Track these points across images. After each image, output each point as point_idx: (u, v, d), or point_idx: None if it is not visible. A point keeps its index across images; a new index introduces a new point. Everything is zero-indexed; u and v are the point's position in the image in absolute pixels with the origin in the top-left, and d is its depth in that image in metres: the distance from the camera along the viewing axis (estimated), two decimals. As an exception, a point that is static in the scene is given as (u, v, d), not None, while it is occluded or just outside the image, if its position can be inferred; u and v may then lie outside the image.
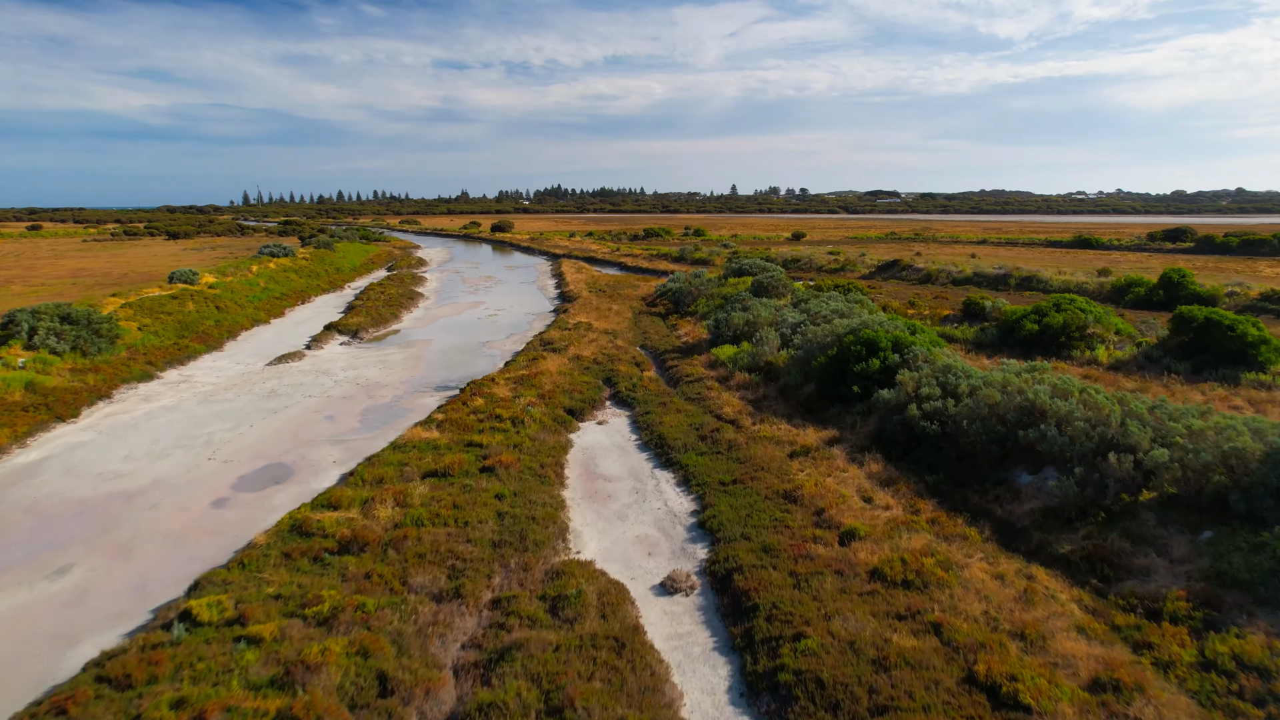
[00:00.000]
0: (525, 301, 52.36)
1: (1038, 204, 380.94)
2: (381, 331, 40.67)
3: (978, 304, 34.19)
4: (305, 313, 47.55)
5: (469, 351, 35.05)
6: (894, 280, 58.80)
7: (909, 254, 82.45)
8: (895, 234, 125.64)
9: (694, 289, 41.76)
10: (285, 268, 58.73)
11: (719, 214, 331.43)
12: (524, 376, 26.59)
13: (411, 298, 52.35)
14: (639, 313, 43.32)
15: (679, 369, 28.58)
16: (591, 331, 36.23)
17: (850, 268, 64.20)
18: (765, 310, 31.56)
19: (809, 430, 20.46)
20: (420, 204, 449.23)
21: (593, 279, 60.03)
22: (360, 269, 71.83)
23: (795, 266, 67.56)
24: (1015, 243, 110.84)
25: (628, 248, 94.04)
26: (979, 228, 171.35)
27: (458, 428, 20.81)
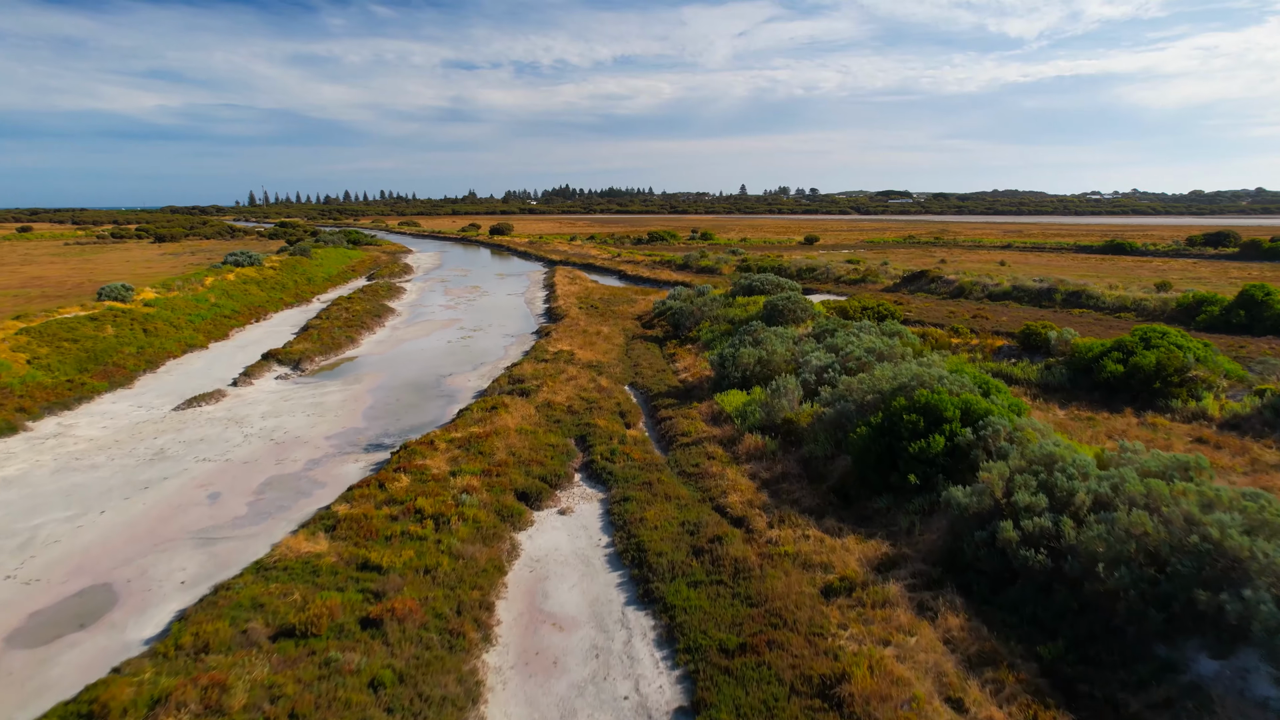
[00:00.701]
0: (507, 319, 46.51)
1: (1053, 204, 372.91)
2: (331, 360, 34.88)
3: (1039, 334, 28.12)
4: (256, 333, 41.84)
5: (423, 391, 29.20)
6: (922, 294, 52.68)
7: (933, 262, 76.28)
8: (913, 237, 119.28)
9: (696, 310, 35.86)
10: (246, 279, 53.06)
11: (728, 215, 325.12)
12: (474, 437, 20.71)
13: (380, 314, 46.57)
14: (632, 337, 37.39)
15: (674, 423, 22.64)
16: (572, 365, 30.34)
17: (872, 279, 58.09)
18: (781, 345, 25.60)
19: (849, 540, 14.51)
20: (425, 204, 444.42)
21: (586, 292, 54.15)
22: (336, 278, 66.14)
23: (811, 277, 61.50)
24: (1042, 248, 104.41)
25: (629, 253, 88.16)
26: (998, 230, 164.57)
27: (357, 533, 14.93)
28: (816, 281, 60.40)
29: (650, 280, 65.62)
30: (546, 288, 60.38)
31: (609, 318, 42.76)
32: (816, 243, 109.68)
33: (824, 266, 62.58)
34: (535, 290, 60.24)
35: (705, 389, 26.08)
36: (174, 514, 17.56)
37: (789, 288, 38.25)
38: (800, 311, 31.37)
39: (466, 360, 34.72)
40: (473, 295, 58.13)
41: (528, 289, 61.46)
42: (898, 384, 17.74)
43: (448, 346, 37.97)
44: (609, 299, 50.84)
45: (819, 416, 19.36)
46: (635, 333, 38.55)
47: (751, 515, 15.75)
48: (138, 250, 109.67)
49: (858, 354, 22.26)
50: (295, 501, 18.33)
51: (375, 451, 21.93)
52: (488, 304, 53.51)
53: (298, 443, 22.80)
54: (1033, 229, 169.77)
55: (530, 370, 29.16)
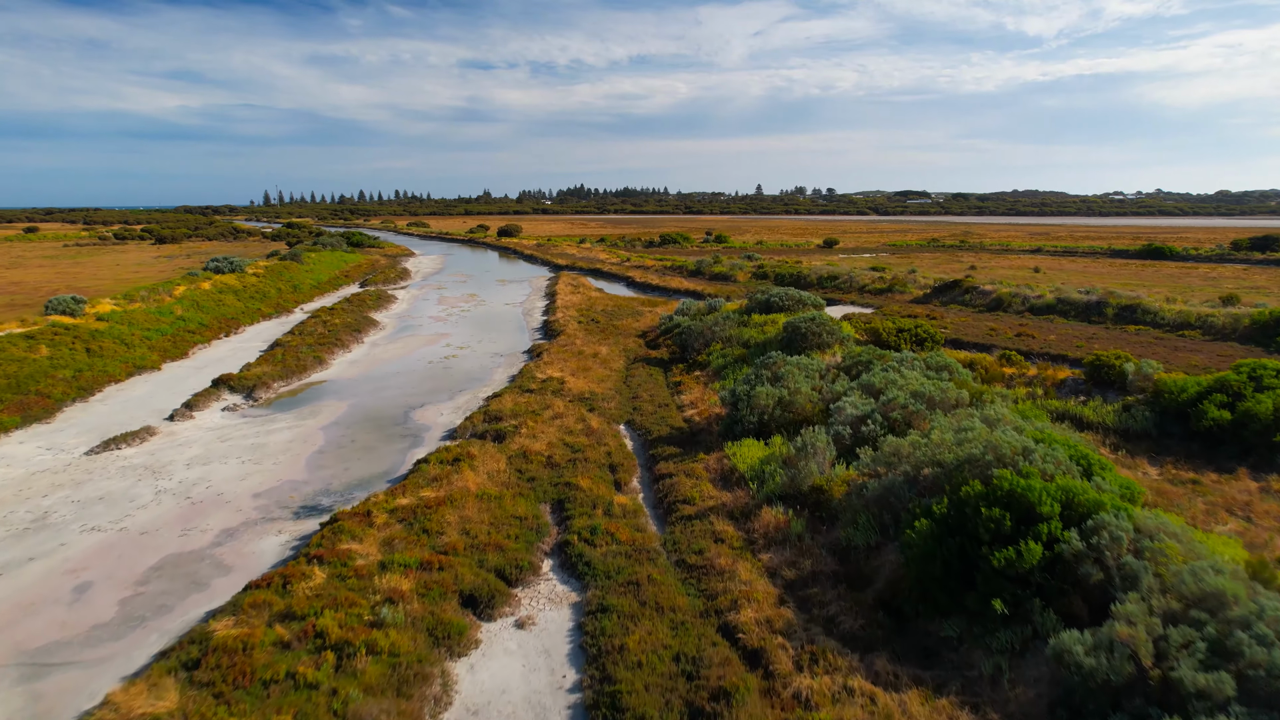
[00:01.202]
0: (499, 334, 42.37)
1: (1076, 205, 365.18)
2: (293, 385, 30.85)
3: (1111, 365, 23.63)
4: (221, 350, 37.93)
5: (385, 428, 25.08)
6: (956, 306, 48.09)
7: (962, 268, 71.59)
8: (937, 240, 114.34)
9: (706, 330, 31.54)
10: (223, 288, 49.26)
11: (743, 215, 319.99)
12: (423, 506, 16.56)
13: (362, 328, 42.56)
14: (634, 359, 33.13)
15: (675, 483, 18.37)
16: (561, 396, 26.15)
17: (900, 288, 53.53)
18: (805, 381, 21.28)
19: (910, 698, 10.21)
20: (438, 204, 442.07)
21: (589, 302, 49.95)
22: (326, 285, 62.31)
23: (833, 285, 57.03)
24: (1074, 252, 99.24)
25: (639, 257, 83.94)
26: (1024, 232, 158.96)
27: (226, 675, 10.77)
28: (839, 291, 55.91)
29: (659, 289, 61.33)
30: (547, 297, 56.24)
31: (610, 335, 38.52)
32: (836, 246, 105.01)
33: (847, 274, 58.07)
34: (535, 300, 56.11)
35: (714, 433, 21.78)
36: (16, 619, 13.49)
37: (810, 303, 33.87)
38: (826, 335, 26.99)
39: (445, 386, 30.58)
40: (468, 305, 54.07)
41: (527, 298, 57.35)
42: (965, 454, 13.39)
43: (427, 368, 33.85)
44: (613, 311, 46.61)
45: (857, 488, 15.05)
46: (637, 354, 34.28)
47: (772, 648, 11.45)
48: (135, 253, 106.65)
49: (902, 400, 17.89)
50: (183, 600, 14.23)
51: (307, 518, 17.80)
52: (482, 315, 49.41)
53: (218, 503, 18.71)
54: (1059, 231, 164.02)
55: (511, 405, 24.97)
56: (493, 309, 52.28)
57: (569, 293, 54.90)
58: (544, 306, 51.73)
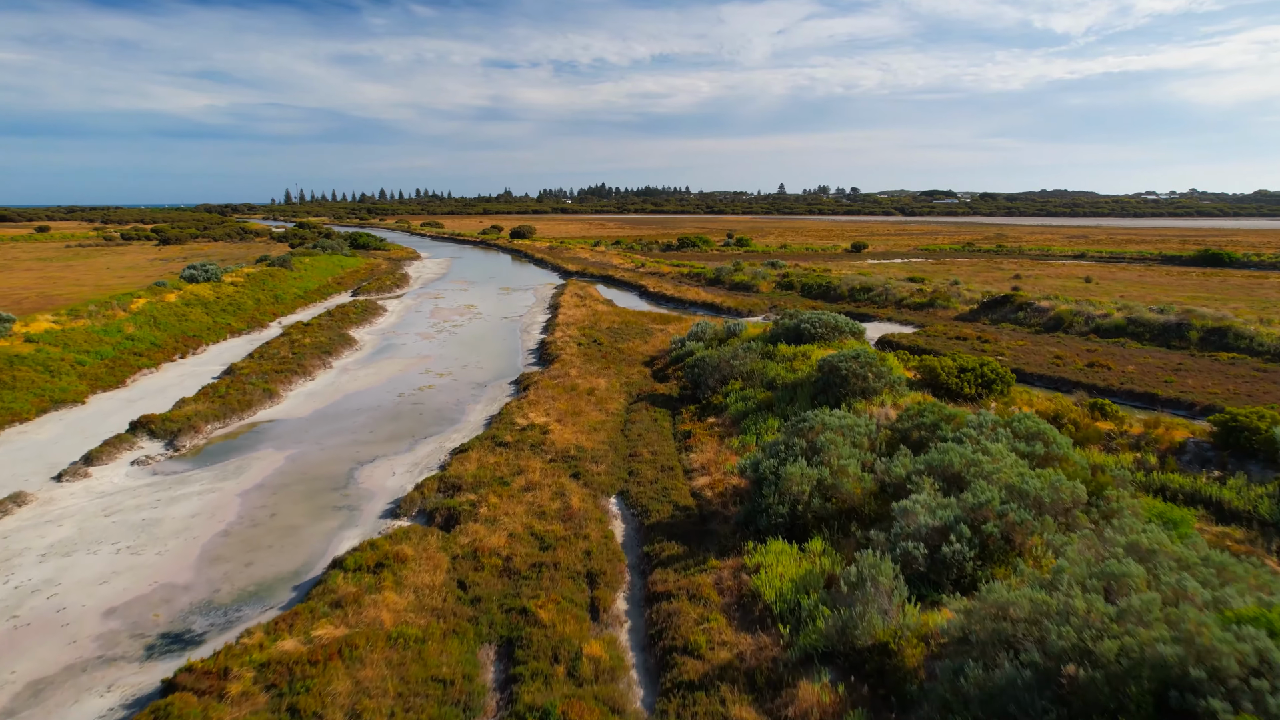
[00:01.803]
0: (488, 358, 37.27)
1: (1109, 206, 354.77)
2: (231, 426, 25.94)
3: (1254, 430, 18.04)
4: (168, 377, 33.15)
5: (319, 494, 20.02)
6: (1008, 325, 42.37)
7: (1005, 277, 65.67)
8: (972, 245, 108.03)
9: (723, 364, 26.13)
10: (191, 300, 44.62)
11: (766, 215, 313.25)
12: (312, 656, 11.46)
13: (334, 349, 37.66)
14: (637, 396, 27.83)
15: (674, 615, 13.09)
16: (541, 453, 20.99)
17: (942, 302, 47.83)
18: (852, 455, 15.96)
19: None
20: (457, 204, 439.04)
21: (594, 318, 44.75)
22: (314, 294, 57.62)
23: (867, 298, 51.45)
24: (1120, 258, 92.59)
25: (654, 263, 78.63)
26: (1060, 235, 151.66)
27: None
28: (874, 304, 50.33)
29: (674, 300, 56.00)
30: (550, 309, 51.13)
31: (611, 362, 33.27)
32: (864, 250, 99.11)
33: (882, 285, 52.43)
34: (536, 313, 51.00)
35: (731, 520, 16.50)
36: None
37: (848, 330, 28.39)
38: (873, 379, 21.56)
39: (408, 430, 25.51)
40: (461, 318, 49.07)
41: (528, 310, 52.24)
42: (1141, 650, 8.04)
43: (395, 404, 28.80)
44: (619, 329, 41.36)
45: (949, 671, 9.72)
46: (641, 388, 28.98)
47: None
48: (133, 255, 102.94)
49: (997, 504, 12.52)
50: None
51: (160, 659, 12.76)
52: (474, 332, 44.37)
53: (49, 627, 13.73)
54: (1098, 233, 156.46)
55: (475, 468, 19.83)
56: (488, 324, 47.22)
57: (573, 305, 49.74)
58: (544, 322, 46.60)
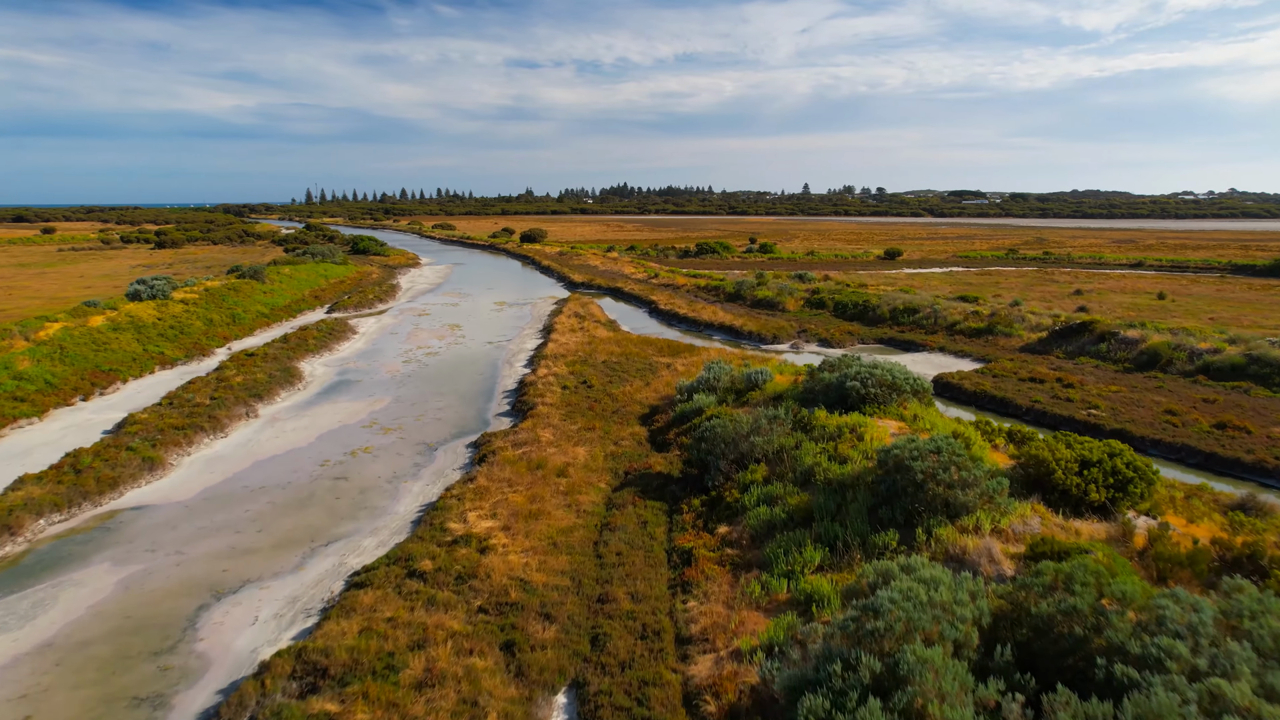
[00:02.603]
0: (453, 403, 30.43)
1: (1148, 207, 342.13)
2: (77, 518, 19.31)
3: None
4: (53, 429, 26.64)
5: (132, 663, 13.22)
6: (1090, 361, 34.89)
7: (1062, 292, 57.93)
8: (1015, 251, 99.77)
9: (740, 440, 18.98)
10: (122, 324, 38.31)
11: (790, 216, 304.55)
12: None
13: (272, 388, 31.07)
14: (624, 477, 20.78)
15: None
16: (467, 596, 14.12)
17: (1003, 328, 40.37)
18: (951, 673, 8.86)
19: None
20: (477, 203, 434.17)
21: (589, 347, 37.84)
22: (280, 312, 51.21)
23: (911, 321, 44.08)
24: (1184, 267, 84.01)
25: (669, 273, 71.57)
26: (1105, 239, 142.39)
27: None
28: (920, 329, 42.97)
29: (687, 320, 48.91)
30: (543, 333, 44.28)
31: (600, 416, 26.28)
32: (899, 257, 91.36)
33: (929, 306, 45.02)
34: (527, 336, 44.14)
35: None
36: None
37: (909, 387, 21.11)
38: (961, 489, 14.40)
39: (312, 528, 18.73)
40: (439, 344, 42.35)
41: (518, 334, 45.40)
42: None
43: (310, 480, 22.06)
44: (617, 363, 34.40)
45: None
46: (632, 460, 21.97)
47: None
48: (120, 260, 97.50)
49: None
50: None
51: None
52: (449, 362, 37.63)
53: None
54: (1146, 237, 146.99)
55: (356, 634, 12.98)
56: (468, 351, 40.44)
57: (570, 328, 42.88)
58: (532, 350, 39.76)
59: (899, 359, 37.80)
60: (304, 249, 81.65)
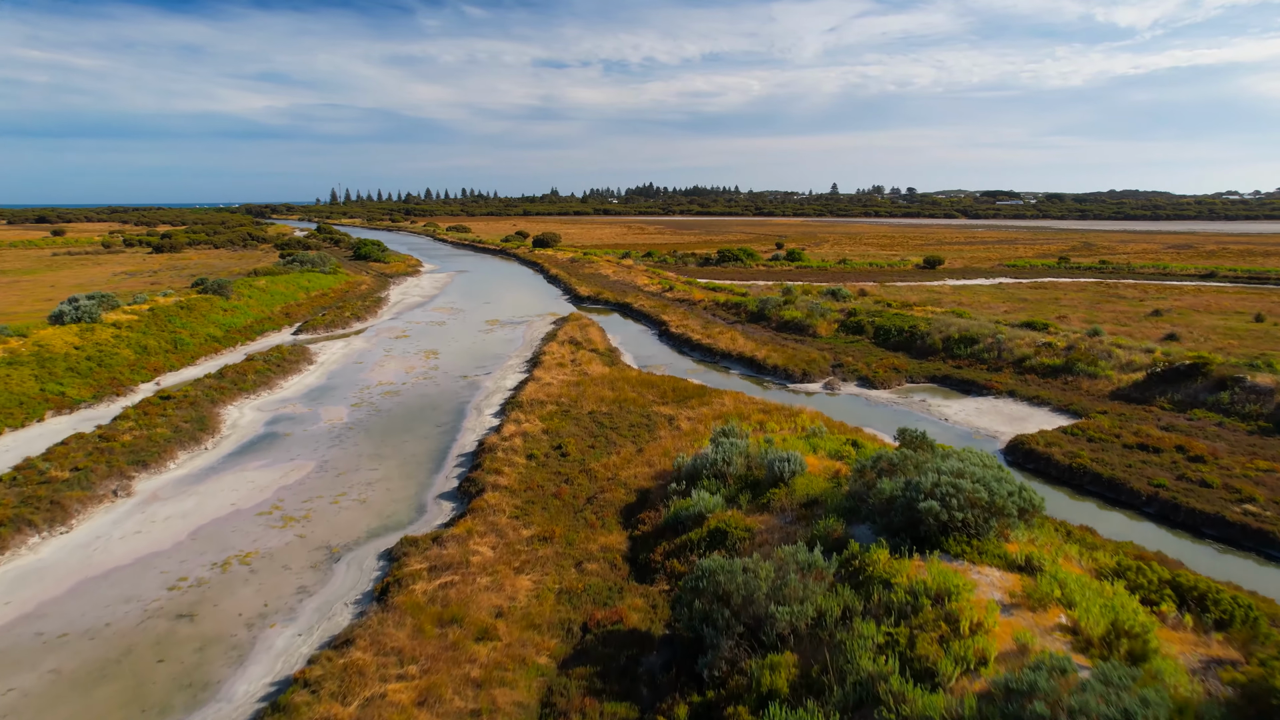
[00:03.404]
0: (390, 475, 23.68)
1: (1193, 208, 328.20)
2: None
3: None
4: None
5: None
6: (1210, 416, 27.34)
7: (1136, 311, 50.04)
8: (1066, 260, 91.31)
9: (756, 604, 12.07)
10: (22, 356, 32.22)
11: (818, 218, 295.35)
12: None
13: (170, 447, 24.63)
14: (574, 647, 13.85)
15: None
16: None
17: (1086, 366, 32.88)
18: None
19: None
20: (499, 204, 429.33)
21: (577, 388, 31.01)
22: (241, 333, 44.97)
23: (969, 354, 36.74)
24: (1263, 278, 75.17)
25: (685, 285, 64.50)
26: (1159, 244, 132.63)
27: None
28: (981, 364, 35.65)
29: (701, 348, 41.86)
30: (529, 365, 37.55)
31: (567, 511, 19.37)
32: (940, 266, 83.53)
33: (990, 334, 37.61)
34: (509, 371, 37.38)
35: None
36: None
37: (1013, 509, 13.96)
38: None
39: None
40: (405, 379, 35.77)
41: (501, 366, 38.66)
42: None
43: (139, 620, 15.46)
44: (607, 416, 27.52)
45: None
46: (598, 602, 15.02)
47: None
48: (108, 266, 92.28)
49: None
50: None
51: None
52: (406, 409, 30.99)
53: None
54: (1202, 241, 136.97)
55: None
56: (436, 390, 33.80)
57: (560, 361, 36.12)
58: (512, 389, 33.01)
59: (960, 406, 30.55)
60: (295, 256, 75.71)
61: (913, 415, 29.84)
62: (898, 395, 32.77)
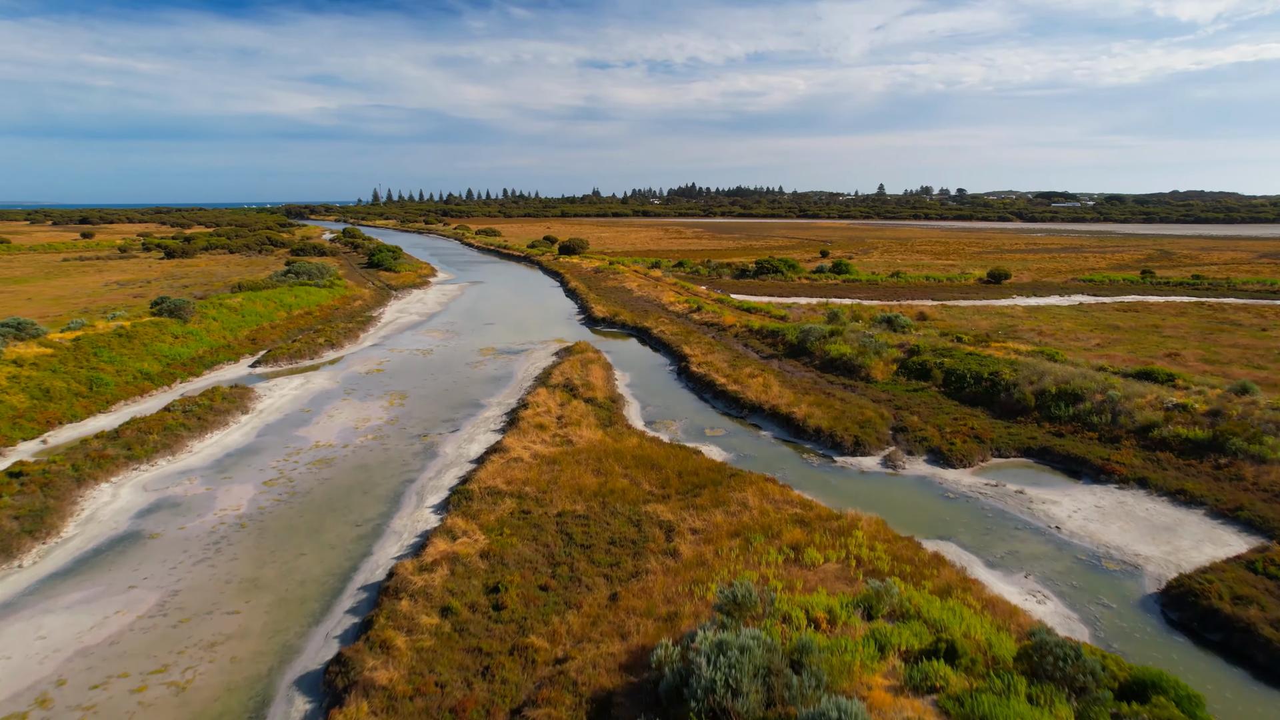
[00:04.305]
0: (231, 647, 16.28)
1: (1269, 210, 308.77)
2: None
3: None
4: None
5: None
6: None
7: (1271, 346, 40.51)
8: (1152, 273, 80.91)
9: None
10: None
11: (865, 220, 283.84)
12: None
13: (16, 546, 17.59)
14: None
15: None
16: None
17: (1246, 445, 24.15)
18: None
19: None
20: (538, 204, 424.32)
21: (553, 470, 23.33)
22: (184, 366, 38.26)
23: (1072, 416, 28.21)
24: (1389, 298, 64.38)
25: (716, 305, 56.51)
26: (1245, 251, 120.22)
27: None
28: (1090, 432, 27.13)
29: (726, 396, 33.87)
30: (505, 423, 30.04)
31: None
32: (1006, 281, 74.14)
33: (1098, 388, 29.01)
34: (481, 427, 29.86)
35: None
36: None
37: None
38: None
39: None
40: (344, 445, 28.50)
41: (473, 420, 31.17)
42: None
43: None
44: (582, 522, 19.82)
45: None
46: None
47: None
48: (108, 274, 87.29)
49: None
50: None
51: None
52: (329, 493, 23.66)
53: None
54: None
55: None
56: (381, 459, 26.44)
57: (543, 419, 28.56)
58: (474, 462, 25.50)
59: (1072, 503, 22.14)
60: (294, 266, 69.51)
61: (1008, 515, 21.62)
62: (983, 479, 24.51)
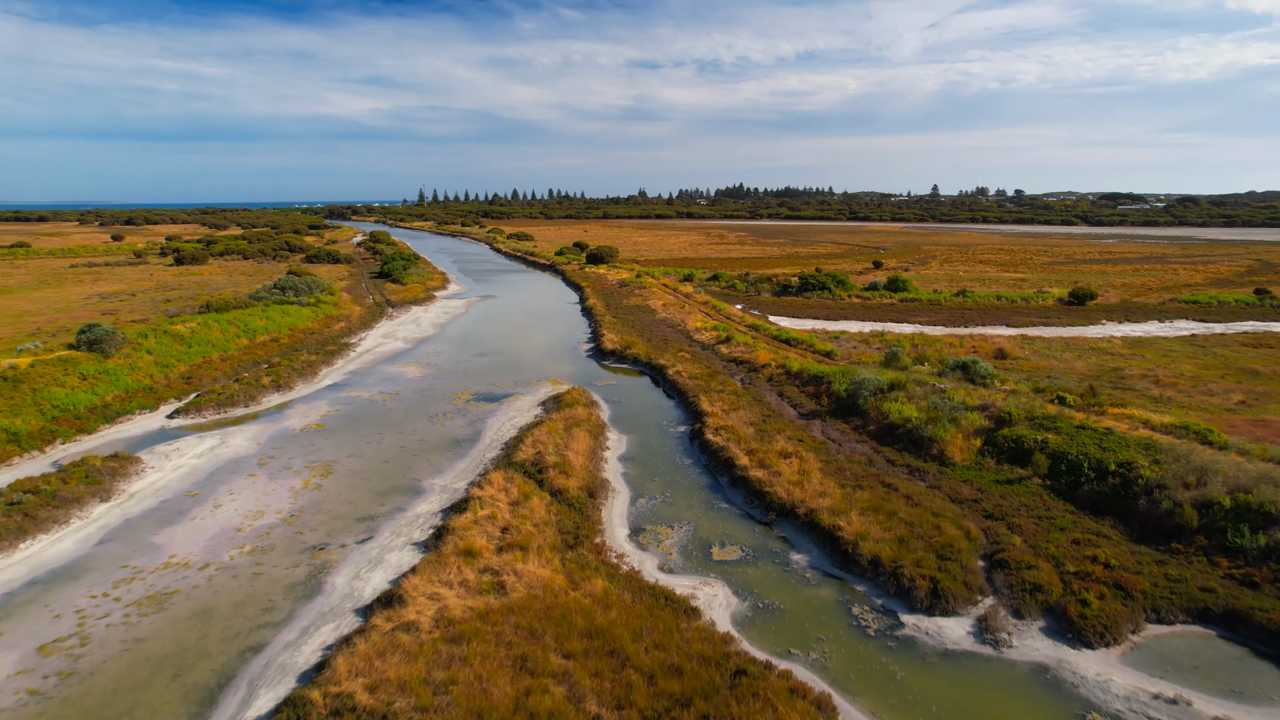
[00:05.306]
0: None
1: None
2: None
3: None
4: None
5: None
6: None
7: None
8: (1268, 291, 69.33)
9: None
10: None
11: (919, 224, 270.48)
12: None
13: None
14: None
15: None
16: None
17: None
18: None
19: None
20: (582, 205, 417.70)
21: (456, 665, 14.96)
22: (75, 421, 30.81)
23: (1261, 551, 18.74)
24: None
25: (749, 334, 47.63)
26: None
27: None
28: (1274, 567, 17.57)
29: (747, 487, 25.05)
30: (431, 534, 21.75)
31: None
32: (1091, 302, 63.63)
33: None
34: (396, 539, 21.59)
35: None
36: None
37: None
38: None
39: None
40: (201, 568, 20.54)
41: (401, 519, 22.96)
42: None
43: None
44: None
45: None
46: None
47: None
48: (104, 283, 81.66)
49: None
50: None
51: None
52: (143, 657, 15.63)
53: None
54: None
55: None
56: (231, 602, 18.39)
57: (478, 543, 20.28)
58: (361, 611, 17.25)
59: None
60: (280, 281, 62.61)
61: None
62: (1144, 676, 15.41)
